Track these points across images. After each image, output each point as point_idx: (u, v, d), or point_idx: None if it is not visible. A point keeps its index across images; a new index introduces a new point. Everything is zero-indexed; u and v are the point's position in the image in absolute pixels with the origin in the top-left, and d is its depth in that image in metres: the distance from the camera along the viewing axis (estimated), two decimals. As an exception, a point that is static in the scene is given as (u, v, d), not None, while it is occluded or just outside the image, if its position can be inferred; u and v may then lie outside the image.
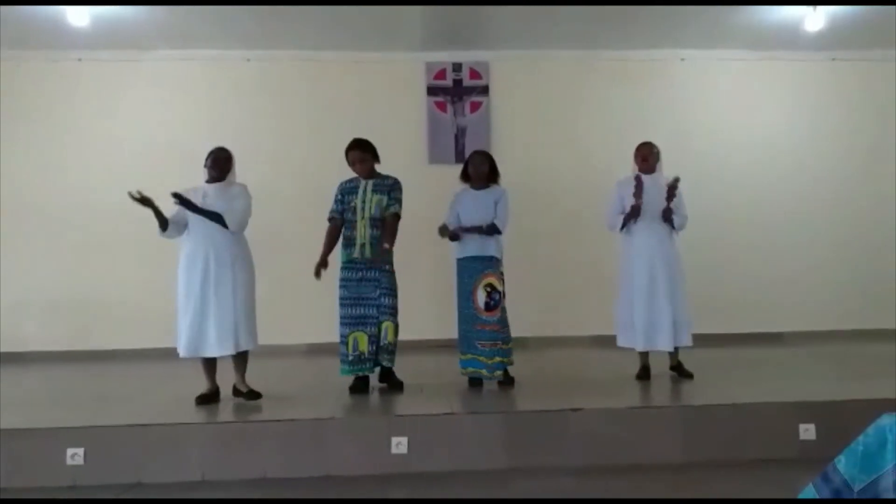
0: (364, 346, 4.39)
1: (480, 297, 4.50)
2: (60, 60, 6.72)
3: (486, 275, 4.52)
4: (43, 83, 6.77)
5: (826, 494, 2.01)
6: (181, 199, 4.14)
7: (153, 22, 6.14)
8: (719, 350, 6.11)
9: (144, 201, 4.09)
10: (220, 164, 4.33)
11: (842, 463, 2.01)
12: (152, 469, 3.60)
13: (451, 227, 4.57)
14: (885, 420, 1.93)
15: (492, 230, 4.52)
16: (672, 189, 4.60)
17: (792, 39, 6.72)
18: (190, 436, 3.70)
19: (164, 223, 4.21)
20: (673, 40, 6.95)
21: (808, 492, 2.08)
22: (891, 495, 1.85)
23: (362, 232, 4.43)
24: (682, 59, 7.23)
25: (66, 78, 6.80)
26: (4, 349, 6.38)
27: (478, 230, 4.51)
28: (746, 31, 6.70)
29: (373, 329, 4.40)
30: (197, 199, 4.20)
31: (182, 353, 4.22)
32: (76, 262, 6.67)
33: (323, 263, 4.45)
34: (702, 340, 5.89)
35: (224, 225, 4.22)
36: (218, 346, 4.19)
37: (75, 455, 3.57)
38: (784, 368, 5.36)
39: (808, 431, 3.75)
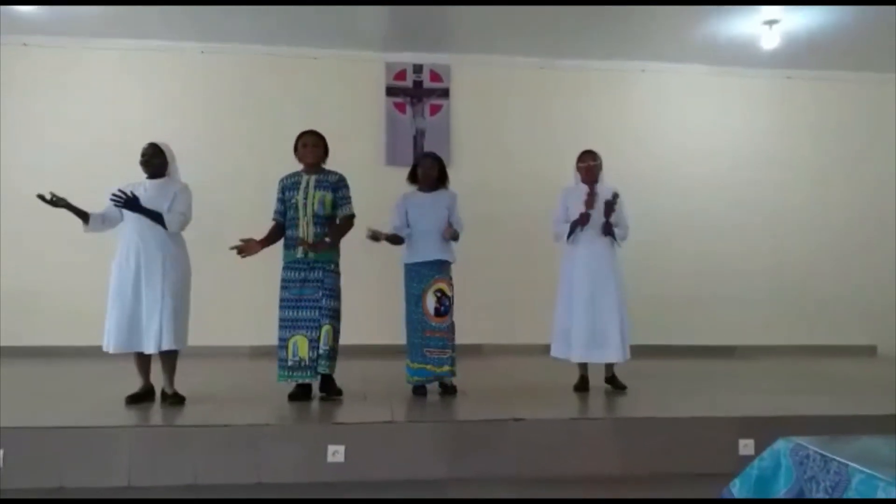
0: (304, 351, 4.22)
1: (430, 302, 4.42)
2: (4, 44, 6.47)
3: (436, 280, 4.44)
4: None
5: None
6: (120, 198, 4.04)
7: (103, 9, 5.94)
8: (669, 362, 6.14)
9: (57, 203, 4.01)
10: (147, 159, 4.23)
11: (736, 487, 1.97)
12: (75, 473, 3.46)
13: (393, 228, 4.51)
14: (780, 445, 1.89)
15: (456, 237, 4.49)
16: (609, 206, 4.53)
17: (749, 56, 6.82)
18: (117, 439, 3.55)
19: (85, 218, 4.15)
20: (634, 52, 7.00)
21: None
22: None
23: (305, 230, 4.27)
24: (643, 71, 7.27)
25: (9, 62, 6.55)
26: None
27: (453, 236, 4.44)
28: (706, 46, 6.77)
29: (314, 333, 4.23)
30: (138, 196, 4.12)
31: (110, 348, 4.10)
32: (12, 256, 6.41)
33: (253, 243, 4.22)
34: (653, 352, 5.95)
35: (164, 225, 4.13)
36: (142, 344, 4.08)
37: (-6, 457, 3.43)
38: (731, 382, 5.39)
39: (747, 447, 3.74)
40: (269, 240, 4.39)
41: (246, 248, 4.23)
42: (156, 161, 4.23)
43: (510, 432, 3.74)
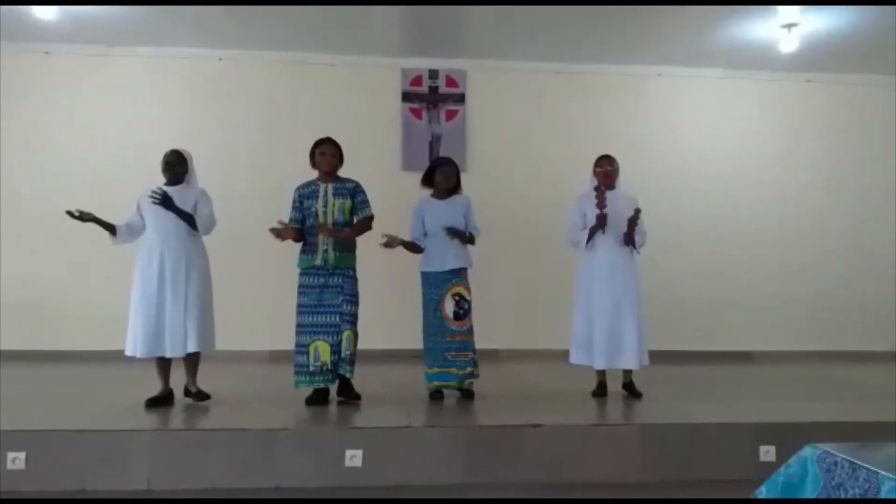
0: (326, 355, 4.26)
1: (448, 306, 4.43)
2: (28, 52, 6.56)
3: (453, 284, 4.46)
4: (6, 75, 6.56)
5: None
6: (157, 196, 4.11)
7: (124, 17, 6.00)
8: (687, 367, 6.09)
9: (84, 218, 4.08)
10: (171, 167, 4.30)
11: (762, 494, 1.95)
12: (96, 476, 3.49)
13: (413, 238, 4.55)
14: (807, 451, 1.87)
15: (472, 241, 4.53)
16: (632, 222, 4.48)
17: (767, 59, 6.76)
18: (137, 442, 3.59)
19: (112, 230, 4.22)
20: (651, 56, 6.95)
21: None
22: None
23: (325, 238, 4.31)
24: (659, 75, 7.24)
25: (31, 69, 6.62)
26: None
27: (460, 236, 4.45)
28: (723, 50, 6.72)
29: (334, 338, 4.27)
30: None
31: (137, 353, 4.14)
32: (32, 262, 6.47)
33: (288, 228, 4.24)
34: (669, 357, 5.89)
35: (195, 227, 4.23)
36: (169, 348, 4.14)
37: (16, 459, 3.46)
38: (750, 388, 5.34)
39: (768, 453, 3.72)
40: (298, 236, 4.38)
41: (283, 232, 4.25)
42: (179, 169, 4.30)
43: (528, 438, 3.73)
